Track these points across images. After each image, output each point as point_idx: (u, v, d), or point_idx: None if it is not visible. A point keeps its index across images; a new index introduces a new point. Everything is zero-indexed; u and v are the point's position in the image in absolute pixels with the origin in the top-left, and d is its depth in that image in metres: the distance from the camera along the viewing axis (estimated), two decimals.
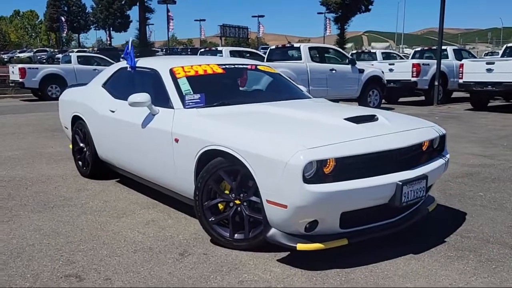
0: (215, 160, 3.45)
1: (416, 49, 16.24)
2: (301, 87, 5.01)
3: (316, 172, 2.95)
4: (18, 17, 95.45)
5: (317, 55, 11.55)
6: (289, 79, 5.12)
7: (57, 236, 3.76)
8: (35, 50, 52.82)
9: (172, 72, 4.33)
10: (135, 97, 4.08)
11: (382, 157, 3.18)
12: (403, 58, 18.14)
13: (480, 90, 11.70)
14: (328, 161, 2.98)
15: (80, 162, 5.74)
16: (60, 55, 42.47)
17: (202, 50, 14.36)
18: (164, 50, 44.91)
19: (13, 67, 17.19)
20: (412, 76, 13.22)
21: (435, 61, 13.51)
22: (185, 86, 4.19)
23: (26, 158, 6.78)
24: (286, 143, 3.03)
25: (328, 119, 3.51)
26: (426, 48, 16.49)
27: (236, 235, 3.44)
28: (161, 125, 4.02)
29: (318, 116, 3.60)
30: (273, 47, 12.43)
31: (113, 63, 18.60)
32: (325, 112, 3.85)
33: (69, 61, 17.76)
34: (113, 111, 4.76)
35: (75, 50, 46.11)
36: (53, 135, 8.78)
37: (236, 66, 4.70)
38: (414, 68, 13.17)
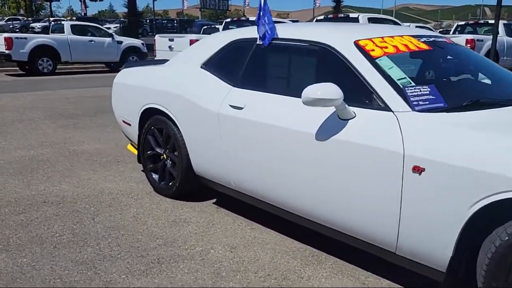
0: None
1: (459, 23, 14.71)
2: None
3: None
4: None
5: None
6: None
7: None
8: (6, 18, 49.14)
9: (361, 48, 2.66)
10: (313, 90, 2.40)
11: None
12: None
13: None
14: None
15: (154, 175, 4.04)
16: (35, 24, 39.57)
17: (229, 20, 12.36)
18: (148, 20, 42.34)
19: None
20: None
21: (488, 36, 12.04)
22: (394, 71, 2.54)
23: (59, 160, 5.00)
24: None
25: None
26: (471, 22, 15.00)
27: None
28: (369, 139, 2.37)
29: None
30: (321, 17, 10.67)
31: (112, 34, 16.60)
32: None
33: (61, 31, 15.57)
34: (239, 108, 3.07)
35: (51, 19, 42.93)
36: (74, 124, 6.95)
37: (435, 39, 3.03)
38: (469, 45, 11.67)
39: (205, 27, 20.06)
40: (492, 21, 14.58)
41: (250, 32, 3.34)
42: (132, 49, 16.50)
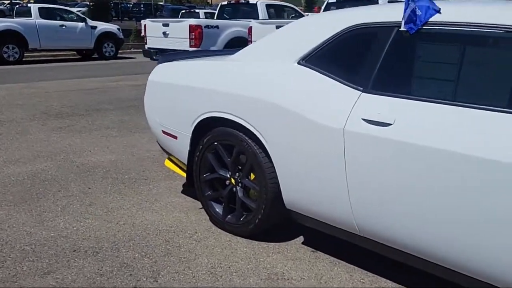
0: None
1: None
2: None
3: None
4: None
5: None
6: None
7: None
8: None
9: None
10: None
11: None
12: None
13: None
14: None
15: (217, 206, 3.05)
16: None
17: (225, 3, 11.23)
18: (112, 5, 40.19)
19: None
20: None
21: None
22: None
23: (69, 179, 3.91)
24: None
25: None
26: None
27: None
28: None
29: None
30: (333, 0, 9.60)
31: (85, 18, 15.09)
32: None
33: (27, 14, 14.00)
34: (384, 124, 2.11)
35: (6, 1, 40.18)
36: (68, 126, 5.79)
37: None
38: None
39: (183, 11, 18.77)
40: None
41: (379, 13, 2.37)
42: (107, 35, 15.14)
